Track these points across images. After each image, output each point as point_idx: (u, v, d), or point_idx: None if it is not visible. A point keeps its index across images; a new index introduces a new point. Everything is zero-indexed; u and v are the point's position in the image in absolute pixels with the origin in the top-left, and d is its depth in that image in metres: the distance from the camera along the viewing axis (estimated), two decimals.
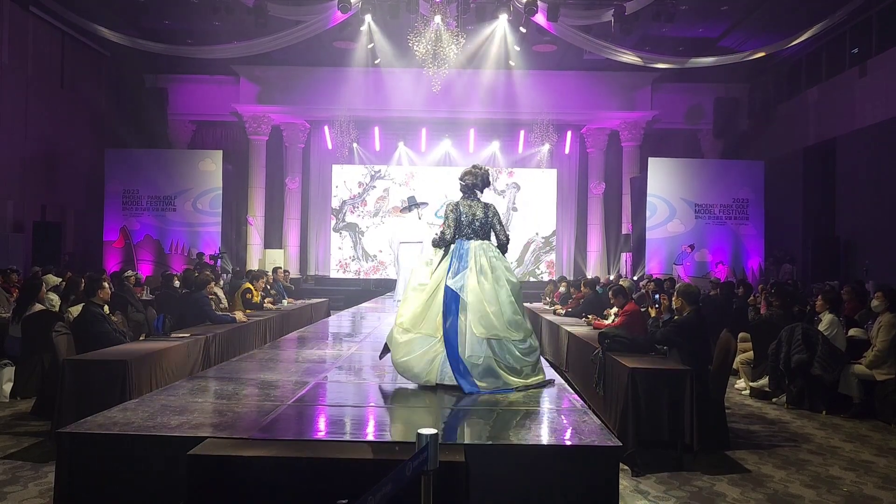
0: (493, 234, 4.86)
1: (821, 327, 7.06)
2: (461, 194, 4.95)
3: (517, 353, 4.51)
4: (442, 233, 4.83)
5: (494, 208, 4.94)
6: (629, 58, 14.46)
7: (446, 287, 4.55)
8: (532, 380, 4.52)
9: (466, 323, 4.44)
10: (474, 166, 5.04)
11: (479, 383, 4.33)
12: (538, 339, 9.65)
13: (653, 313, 6.41)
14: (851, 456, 5.41)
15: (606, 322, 7.82)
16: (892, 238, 12.59)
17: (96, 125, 17.29)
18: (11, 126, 14.05)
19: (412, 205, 9.01)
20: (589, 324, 8.24)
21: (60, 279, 9.36)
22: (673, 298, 6.10)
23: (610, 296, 7.71)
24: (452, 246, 4.78)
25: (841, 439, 5.91)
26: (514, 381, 4.42)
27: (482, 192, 5.00)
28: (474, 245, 4.73)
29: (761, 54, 14.34)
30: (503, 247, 4.86)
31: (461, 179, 4.97)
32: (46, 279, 8.72)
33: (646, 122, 18.21)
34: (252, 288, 9.42)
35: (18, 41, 14.29)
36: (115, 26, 14.50)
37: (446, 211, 4.87)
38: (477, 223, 4.80)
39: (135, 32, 15.27)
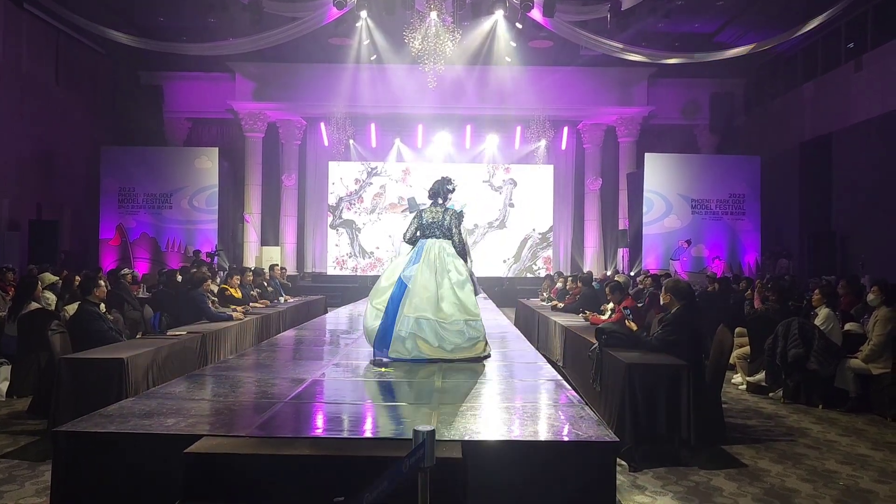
0: (451, 236, 5.65)
1: (817, 321, 7.07)
2: (429, 201, 5.80)
3: (443, 332, 5.25)
4: (404, 234, 5.80)
5: (454, 214, 5.70)
6: (629, 54, 14.43)
7: (400, 276, 5.45)
8: (459, 355, 5.25)
9: (403, 303, 5.31)
10: (442, 177, 5.86)
11: (399, 349, 5.23)
12: (535, 335, 9.72)
13: (633, 326, 6.35)
14: (848, 450, 5.42)
15: (603, 318, 7.83)
16: (888, 232, 12.61)
17: (92, 123, 17.24)
18: (6, 124, 14.00)
19: (412, 206, 9.58)
20: (586, 319, 8.25)
21: (57, 277, 9.34)
22: (661, 295, 6.09)
23: (607, 292, 7.71)
24: (419, 242, 5.64)
25: (837, 433, 5.92)
26: (431, 354, 5.21)
27: (444, 199, 5.76)
28: (430, 242, 5.55)
29: (750, 47, 14.31)
30: (458, 250, 5.63)
31: (429, 189, 5.83)
32: (43, 277, 8.69)
33: (642, 118, 18.23)
34: (228, 287, 9.39)
35: (13, 39, 14.23)
36: (110, 24, 14.44)
37: (414, 216, 5.76)
38: (435, 226, 5.62)
39: (130, 30, 15.22)
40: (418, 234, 5.66)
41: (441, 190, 5.75)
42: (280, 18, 13.88)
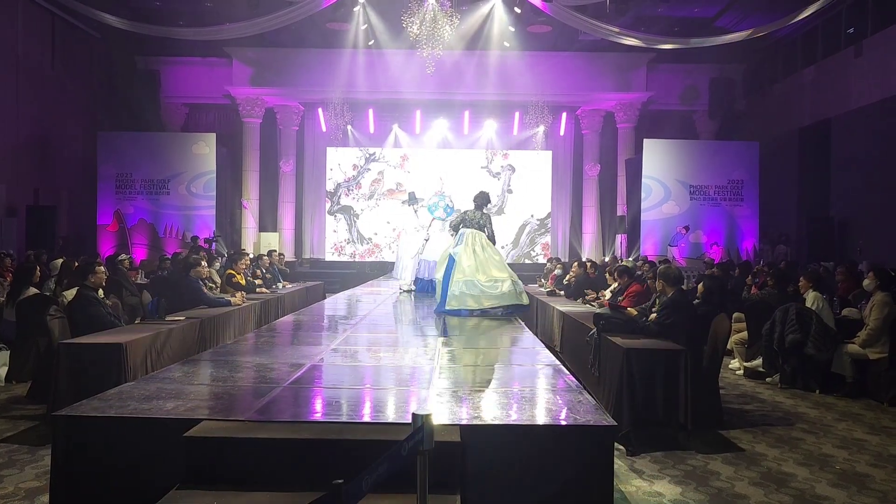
0: (485, 230, 7.89)
1: (807, 306, 7.08)
2: (473, 205, 8.08)
3: (482, 289, 7.29)
4: (454, 222, 8.09)
5: (489, 216, 8.03)
6: (625, 39, 14.36)
7: (450, 253, 7.67)
8: (490, 305, 7.26)
9: (454, 272, 7.39)
10: (482, 191, 8.31)
11: (452, 304, 7.24)
12: (534, 321, 9.77)
13: (633, 312, 6.39)
14: (844, 434, 5.45)
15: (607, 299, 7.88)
16: (886, 218, 12.61)
17: (88, 108, 17.14)
18: (2, 109, 13.92)
19: (412, 200, 10.15)
20: (596, 301, 8.32)
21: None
22: (655, 283, 6.12)
23: (615, 275, 7.80)
24: (460, 230, 7.84)
25: (834, 418, 5.95)
26: (473, 306, 7.23)
27: (485, 206, 8.11)
28: (469, 232, 7.76)
29: (757, 34, 14.25)
30: (492, 238, 7.93)
31: (474, 199, 8.15)
32: (53, 264, 8.75)
33: (641, 104, 18.14)
34: (234, 272, 9.37)
35: (8, 23, 14.12)
36: (106, 8, 14.30)
37: (460, 214, 8.11)
38: (474, 222, 7.88)
39: (125, 14, 15.08)
40: (461, 225, 7.86)
41: (484, 201, 8.11)
42: (277, 3, 13.79)
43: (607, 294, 8.21)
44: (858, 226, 13.63)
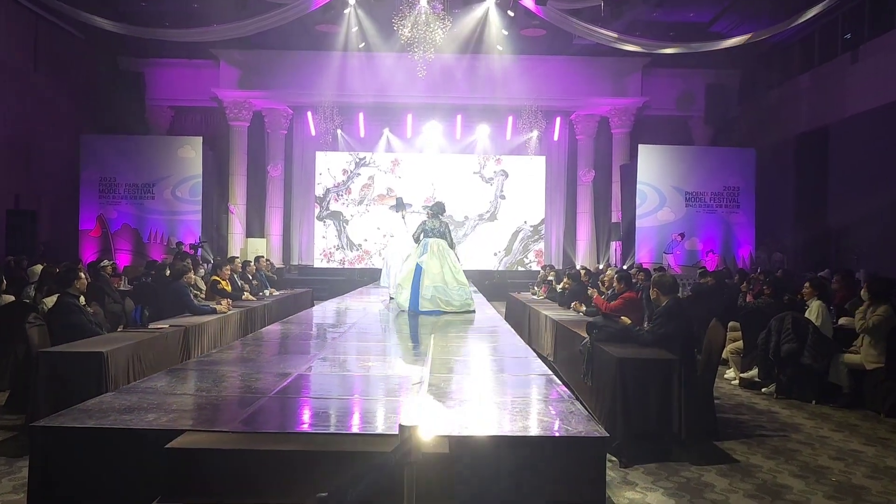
0: (446, 237, 8.74)
1: (809, 314, 7.04)
2: (429, 215, 8.88)
3: (449, 295, 8.35)
4: (415, 234, 8.84)
5: (447, 224, 8.91)
6: (622, 44, 14.32)
7: (417, 263, 8.47)
8: (461, 309, 8.33)
9: (422, 278, 8.30)
10: (438, 202, 9.18)
11: (426, 305, 8.21)
12: (526, 329, 9.72)
13: (626, 321, 6.29)
14: (840, 445, 5.40)
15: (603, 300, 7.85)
16: (883, 226, 12.56)
17: (71, 110, 16.92)
18: None
19: (399, 206, 10.07)
20: (577, 311, 8.28)
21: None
22: (650, 290, 6.04)
23: (614, 281, 7.79)
24: (423, 240, 8.62)
25: (830, 429, 5.89)
26: (445, 308, 8.27)
27: (441, 215, 8.91)
28: (433, 241, 8.61)
29: (747, 37, 14.21)
30: (452, 246, 8.84)
31: (430, 209, 8.98)
32: (32, 270, 8.62)
33: (636, 109, 18.12)
34: (219, 278, 9.26)
35: None
36: (90, 8, 14.10)
37: (420, 224, 8.87)
38: (435, 231, 8.72)
39: (111, 14, 14.88)
40: (422, 235, 8.63)
41: (439, 210, 8.93)
42: (266, 4, 13.69)
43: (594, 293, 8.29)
44: (855, 234, 13.57)
